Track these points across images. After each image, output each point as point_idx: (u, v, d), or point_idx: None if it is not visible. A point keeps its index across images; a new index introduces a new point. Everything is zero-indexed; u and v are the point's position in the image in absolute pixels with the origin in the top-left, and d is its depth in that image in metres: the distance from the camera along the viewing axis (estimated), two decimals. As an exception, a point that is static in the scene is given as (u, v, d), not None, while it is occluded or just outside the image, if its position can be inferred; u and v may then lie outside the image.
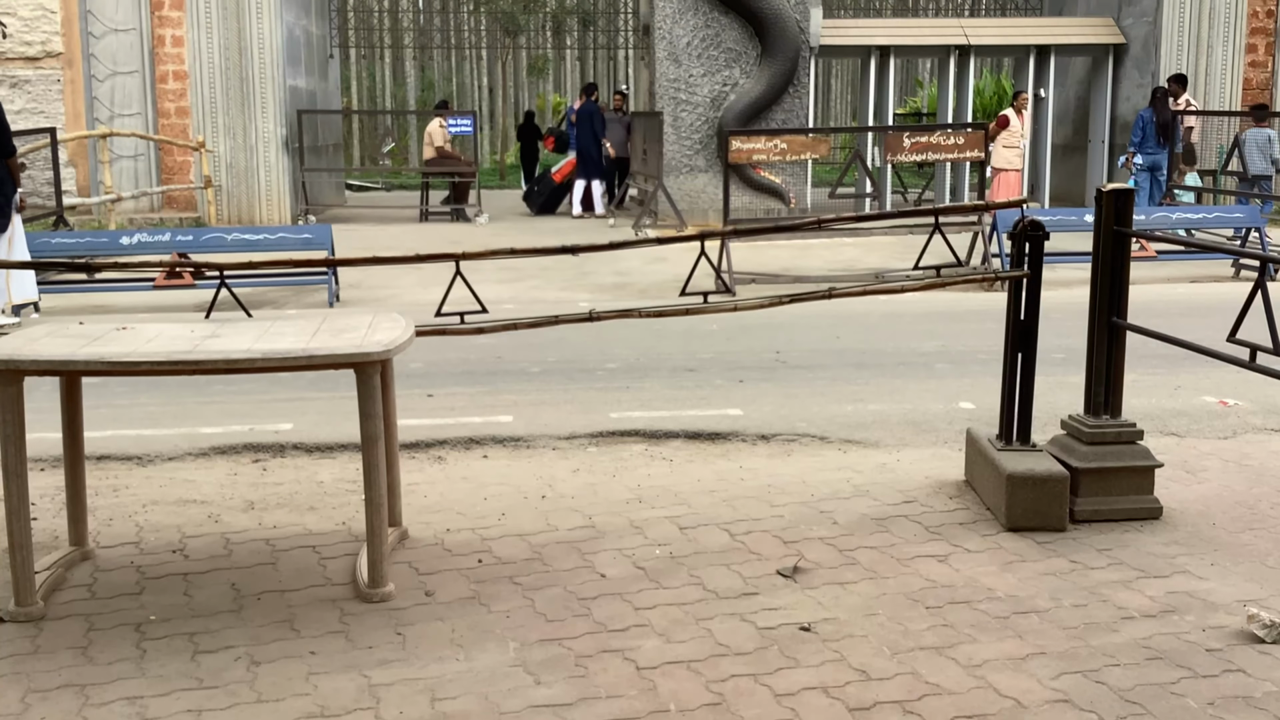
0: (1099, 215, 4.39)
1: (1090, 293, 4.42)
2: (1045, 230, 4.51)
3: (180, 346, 3.57)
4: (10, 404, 3.42)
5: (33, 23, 14.52)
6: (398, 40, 26.26)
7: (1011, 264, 4.55)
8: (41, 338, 3.71)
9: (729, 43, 15.71)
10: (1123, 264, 4.39)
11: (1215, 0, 15.98)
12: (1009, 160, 14.69)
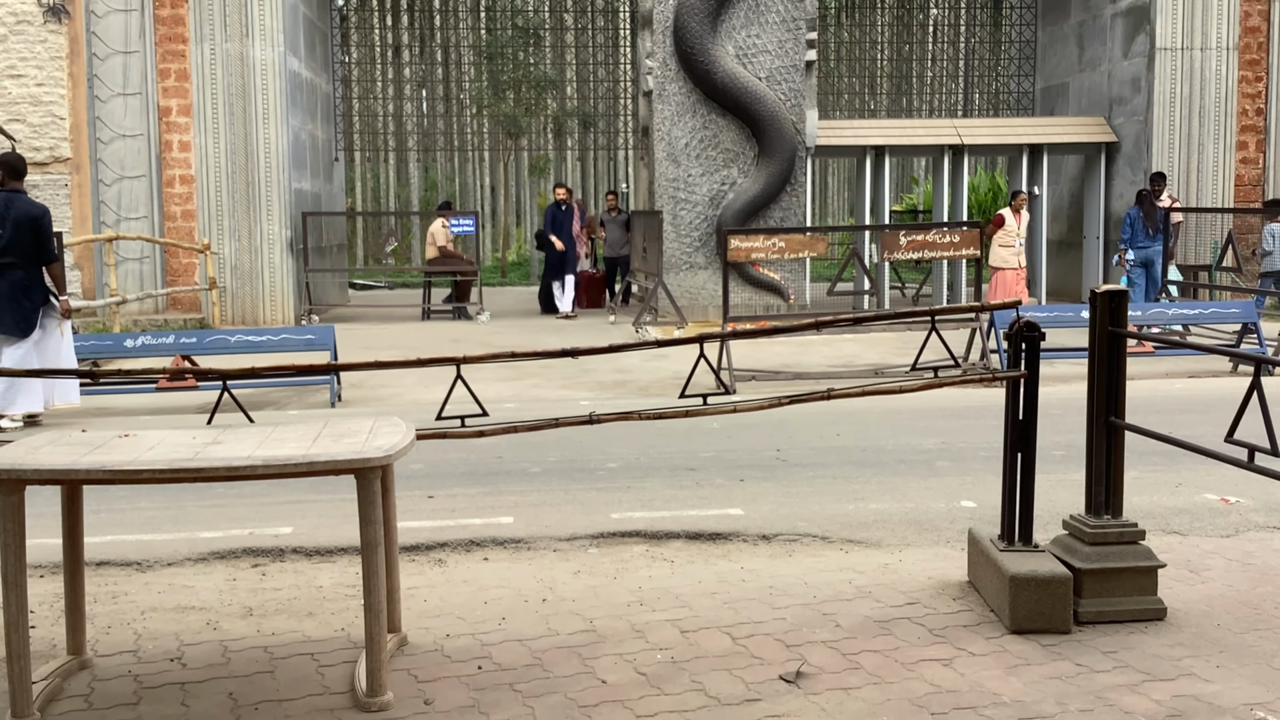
0: (1094, 316, 4.44)
1: (1088, 393, 4.45)
2: (1041, 331, 4.55)
3: (182, 454, 3.59)
4: (11, 513, 3.42)
5: (42, 129, 14.79)
6: (401, 143, 26.70)
7: (1008, 364, 4.58)
8: (44, 446, 3.73)
9: (727, 143, 15.97)
10: (1119, 364, 4.43)
11: (1205, 99, 16.27)
12: (1005, 259, 14.84)
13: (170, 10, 15.03)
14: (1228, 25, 16.19)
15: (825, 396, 4.63)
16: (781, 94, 15.85)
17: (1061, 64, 19.40)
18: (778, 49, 15.89)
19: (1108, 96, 17.71)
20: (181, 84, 15.12)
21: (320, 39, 18.51)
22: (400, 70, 28.60)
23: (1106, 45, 17.72)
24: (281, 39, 15.28)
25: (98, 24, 14.73)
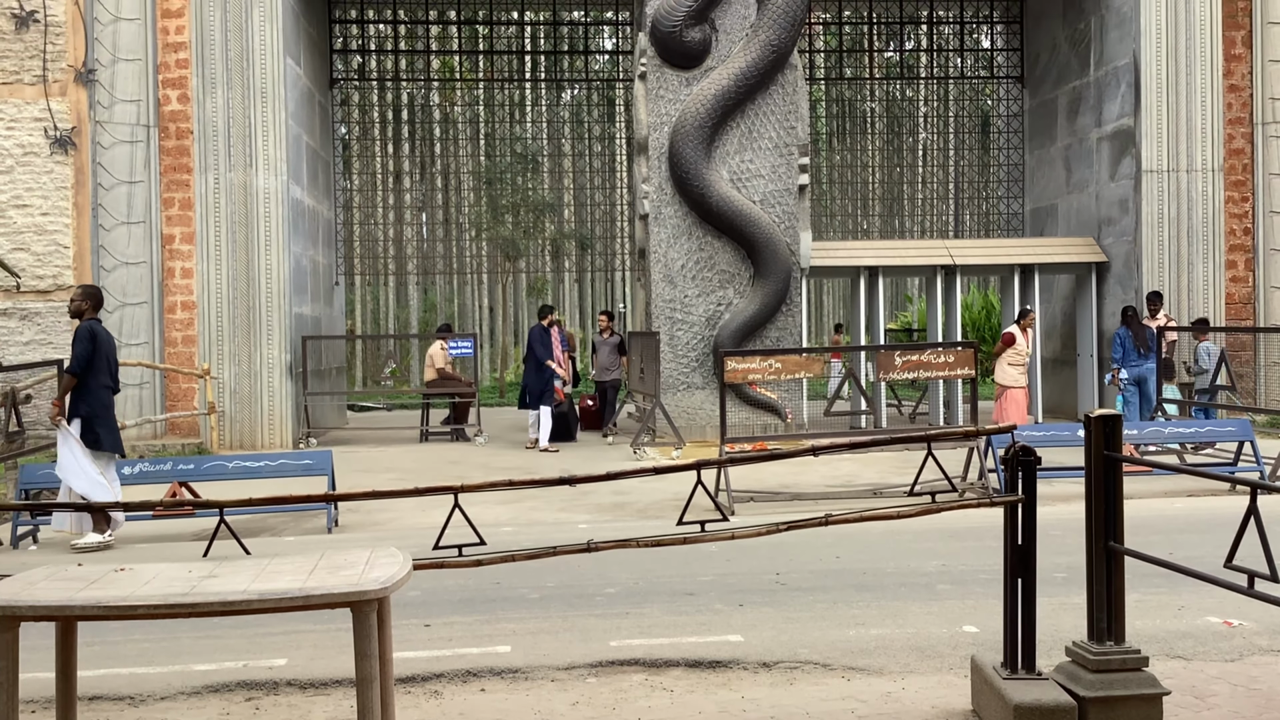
0: (1089, 441, 4.46)
1: (1086, 518, 4.45)
2: (1037, 455, 4.57)
3: (177, 588, 3.58)
4: (5, 650, 3.40)
5: (45, 258, 14.98)
6: (401, 266, 27.03)
7: (1005, 489, 4.59)
8: (40, 581, 3.72)
9: (723, 265, 16.18)
10: (1115, 489, 4.44)
11: (1192, 220, 16.53)
12: (1014, 378, 14.89)
13: (175, 141, 15.35)
14: (1212, 148, 16.53)
15: (823, 522, 4.63)
16: (776, 216, 16.11)
17: (1050, 186, 19.75)
18: (771, 173, 16.19)
19: (1096, 217, 18.00)
20: (185, 212, 15.37)
21: (323, 167, 18.87)
22: (401, 196, 29.09)
23: (1094, 168, 18.07)
24: (285, 168, 15.57)
25: (103, 155, 15.03)
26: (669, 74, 16.05)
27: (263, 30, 15.43)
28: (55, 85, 14.99)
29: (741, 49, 15.97)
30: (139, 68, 15.11)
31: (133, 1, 15.09)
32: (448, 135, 27.77)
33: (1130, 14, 16.81)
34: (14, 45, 14.95)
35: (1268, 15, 16.45)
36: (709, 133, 15.88)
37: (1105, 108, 17.66)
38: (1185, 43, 16.46)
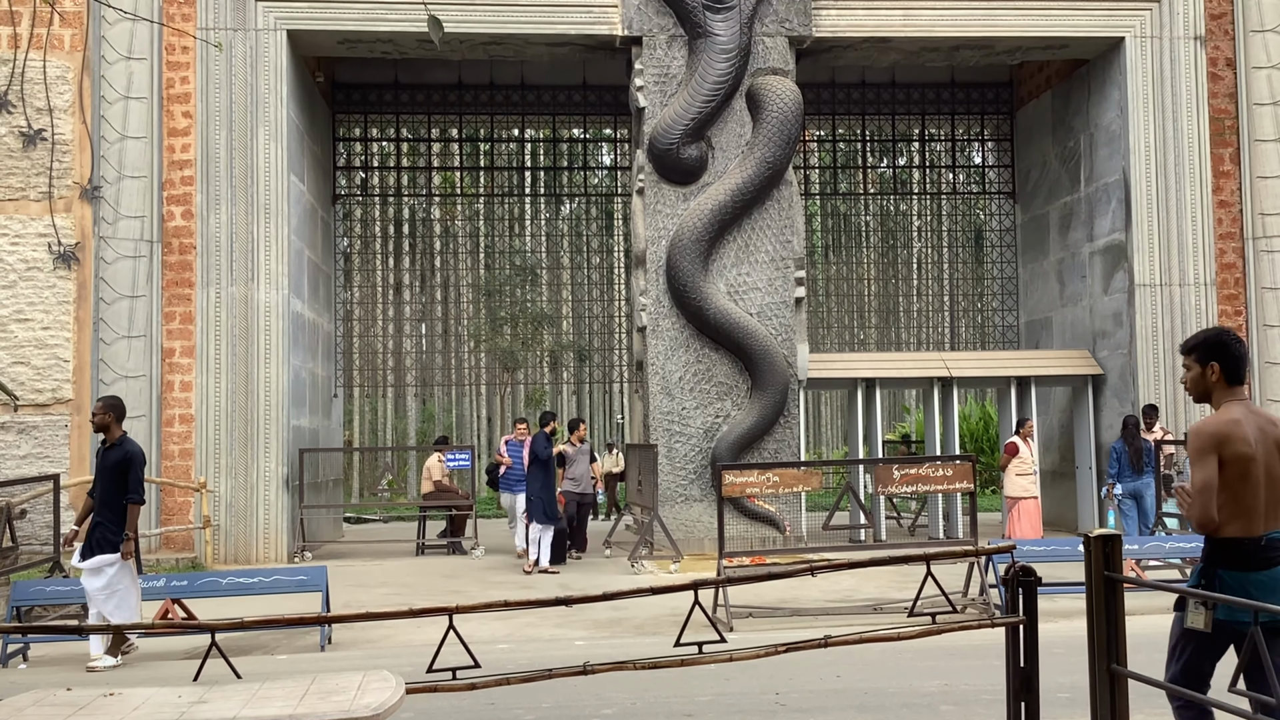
0: (1089, 562, 4.44)
1: (1088, 640, 4.40)
2: (1037, 576, 4.55)
3: (167, 715, 3.53)
4: (-12, 781, 3.34)
5: (45, 371, 15.03)
6: (400, 378, 27.13)
7: (1006, 609, 4.55)
8: (28, 707, 3.67)
9: (720, 376, 16.24)
10: (1117, 609, 4.40)
11: (1187, 333, 16.58)
12: (1025, 488, 14.84)
13: (178, 256, 15.52)
14: (1204, 262, 16.71)
15: (822, 644, 4.59)
16: (773, 329, 16.22)
17: (1044, 299, 19.92)
18: (768, 286, 16.35)
19: (1091, 330, 18.12)
20: (186, 326, 15.47)
21: (324, 280, 19.04)
22: (400, 307, 29.31)
23: (1087, 281, 18.25)
24: (286, 282, 15.72)
25: (106, 270, 15.18)
26: (666, 189, 16.30)
27: (267, 148, 15.71)
28: (60, 201, 15.20)
29: (738, 165, 16.25)
30: (144, 184, 15.34)
31: (140, 120, 15.37)
32: (448, 248, 28.11)
33: (1119, 132, 17.15)
34: (21, 162, 15.20)
35: (1254, 133, 16.77)
36: (706, 246, 16.07)
37: (1097, 223, 17.90)
38: (1174, 160, 16.75)
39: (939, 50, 17.62)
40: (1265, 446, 4.69)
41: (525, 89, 20.89)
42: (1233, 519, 4.63)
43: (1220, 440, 4.66)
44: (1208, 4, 16.91)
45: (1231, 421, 4.70)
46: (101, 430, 9.34)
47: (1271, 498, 4.68)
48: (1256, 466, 4.65)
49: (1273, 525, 4.65)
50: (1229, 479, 4.63)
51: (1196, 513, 4.63)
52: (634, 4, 16.20)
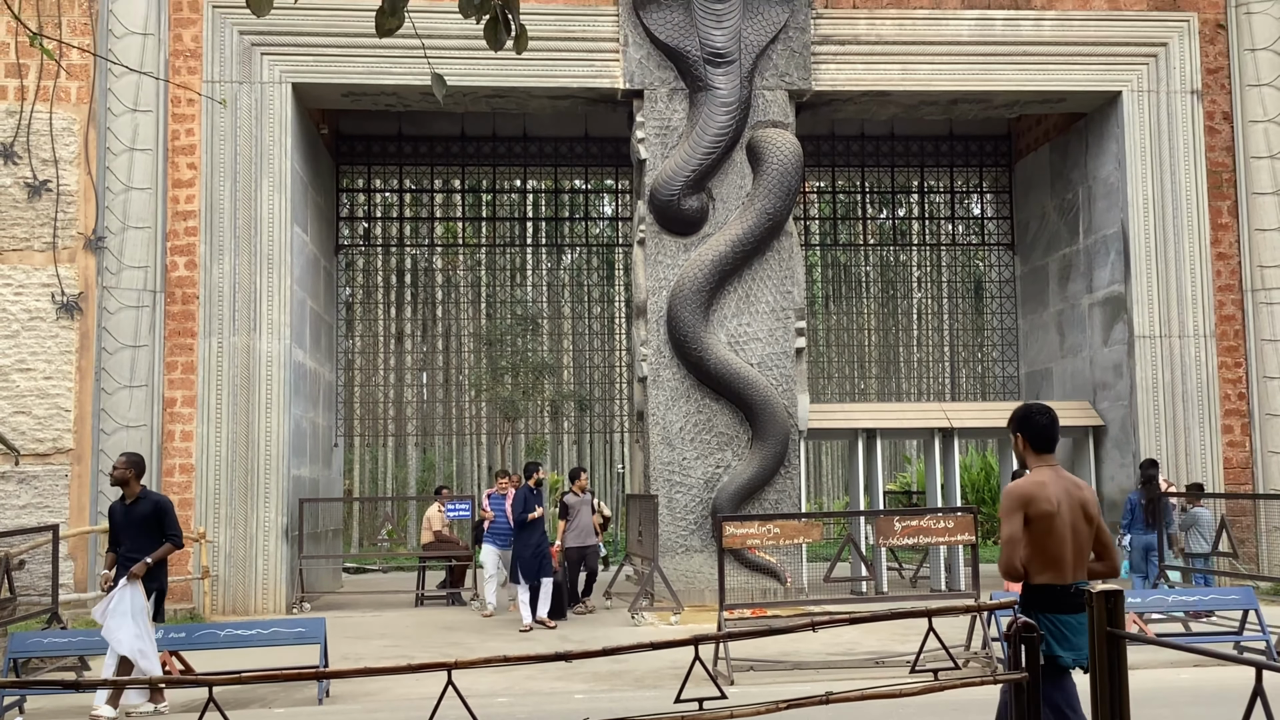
0: (1091, 618, 4.43)
1: (1091, 697, 4.38)
2: (1039, 631, 4.53)
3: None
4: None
5: (46, 421, 15.04)
6: (400, 428, 27.11)
7: (1009, 665, 4.54)
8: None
9: (720, 427, 16.24)
10: (1119, 666, 4.39)
11: (1187, 385, 16.65)
12: None
13: (181, 306, 15.57)
14: (1203, 314, 16.76)
15: (823, 701, 4.56)
16: (773, 379, 16.24)
17: (1044, 350, 19.96)
18: (768, 336, 16.39)
19: (1091, 382, 18.14)
20: (188, 376, 15.49)
21: (326, 330, 19.09)
22: (402, 357, 29.35)
23: (1086, 333, 18.30)
24: (288, 332, 15.76)
25: (109, 320, 15.23)
26: (667, 240, 16.39)
27: (271, 199, 15.81)
28: (64, 252, 15.29)
29: (738, 216, 16.34)
30: (148, 235, 15.43)
31: (144, 172, 15.48)
32: (449, 298, 28.18)
33: (1117, 185, 17.26)
34: (26, 213, 15.30)
35: (1252, 186, 16.89)
36: (707, 297, 16.13)
37: (1096, 274, 17.98)
38: (1172, 212, 16.86)
39: (937, 104, 17.79)
40: (1070, 506, 5.42)
41: (528, 140, 21.07)
42: (1044, 569, 5.38)
43: (1026, 500, 5.41)
44: (1204, 59, 17.09)
45: (1037, 484, 5.45)
46: (121, 485, 9.43)
47: (1077, 550, 5.43)
48: (1061, 522, 5.37)
49: (1080, 575, 5.43)
50: (1036, 534, 5.39)
51: (1002, 562, 5.44)
52: (635, 58, 16.37)
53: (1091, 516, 5.52)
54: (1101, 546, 5.59)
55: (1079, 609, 5.26)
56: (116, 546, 9.51)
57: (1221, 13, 17.15)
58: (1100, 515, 5.61)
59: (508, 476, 16.46)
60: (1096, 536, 5.56)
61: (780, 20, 16.37)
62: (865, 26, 16.73)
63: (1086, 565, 5.51)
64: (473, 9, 5.03)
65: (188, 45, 15.78)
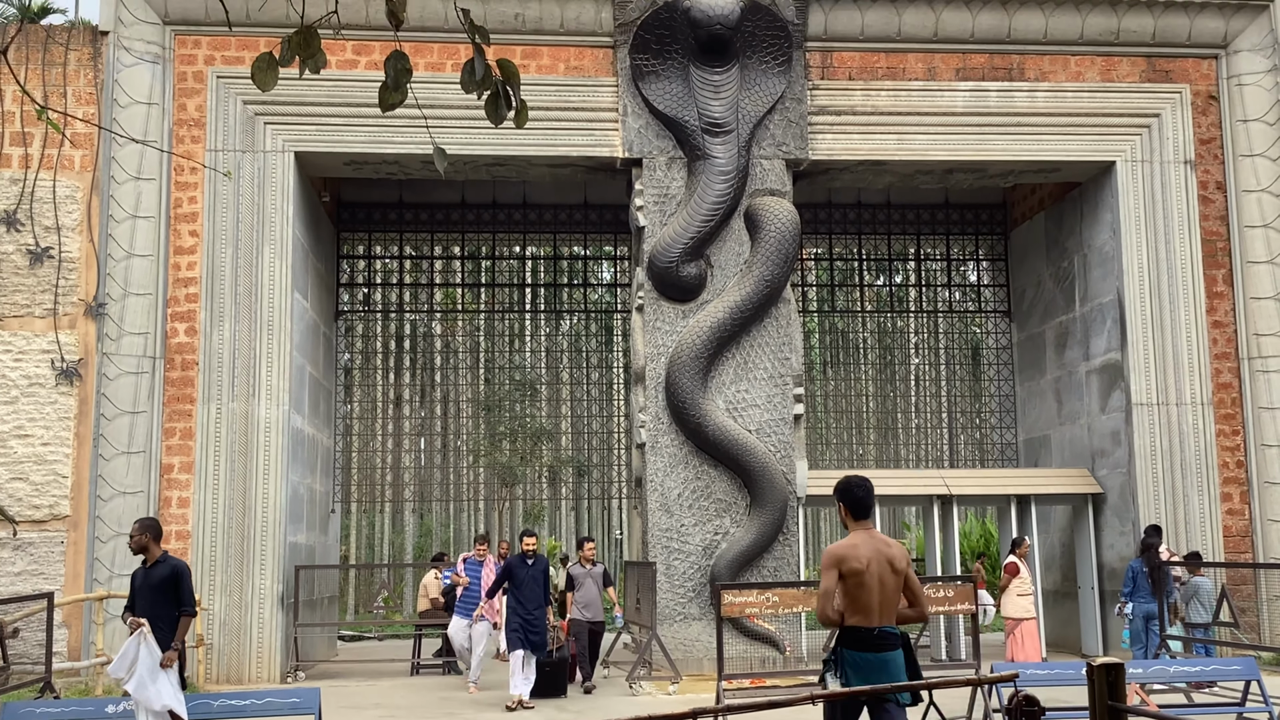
0: (1092, 692, 4.41)
1: (1091, 773, 4.35)
2: (1041, 707, 4.51)
3: None
4: None
5: (43, 487, 15.01)
6: (398, 493, 27.04)
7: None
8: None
9: (719, 493, 16.20)
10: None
11: (1185, 452, 16.64)
12: (1025, 609, 14.70)
13: (180, 372, 15.60)
14: (1200, 382, 16.80)
15: (823, 777, 4.53)
16: (772, 445, 16.24)
17: (1042, 417, 19.97)
18: (766, 403, 16.41)
19: (1090, 449, 18.13)
20: (186, 442, 15.48)
21: (324, 396, 19.11)
22: (400, 422, 29.35)
23: (1084, 400, 18.32)
24: (286, 398, 15.77)
25: (108, 385, 15.25)
26: (665, 306, 16.47)
27: (272, 266, 15.90)
28: (65, 318, 15.35)
29: (736, 283, 16.44)
30: (149, 302, 15.50)
31: (147, 239, 15.59)
32: (448, 363, 28.24)
33: (1112, 253, 17.39)
34: (27, 280, 15.38)
35: (1247, 255, 17.01)
36: (705, 363, 16.18)
37: (1093, 342, 18.05)
38: (1168, 280, 16.96)
39: (933, 173, 17.97)
40: (878, 562, 6.56)
41: (527, 207, 21.24)
42: (855, 614, 6.54)
43: (839, 559, 6.57)
44: (1196, 129, 17.30)
45: (850, 545, 6.62)
46: (140, 551, 9.49)
47: (884, 600, 6.56)
48: (870, 577, 6.52)
49: (886, 620, 6.55)
50: (849, 587, 6.54)
51: (818, 612, 6.63)
52: (634, 127, 16.56)
53: (899, 570, 6.63)
54: (911, 594, 6.70)
55: (881, 649, 6.46)
56: (132, 610, 9.50)
57: (1213, 84, 17.39)
58: (910, 568, 6.75)
59: (486, 542, 16.11)
60: (906, 586, 6.67)
61: (777, 91, 16.59)
62: (861, 97, 16.95)
63: (894, 612, 6.62)
64: (474, 85, 5.11)
65: (192, 114, 15.97)
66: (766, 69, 16.57)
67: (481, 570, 15.23)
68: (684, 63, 16.43)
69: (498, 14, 16.29)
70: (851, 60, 17.03)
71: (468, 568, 15.64)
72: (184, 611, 9.40)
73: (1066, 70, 17.22)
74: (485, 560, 15.19)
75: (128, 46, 15.73)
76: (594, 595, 15.15)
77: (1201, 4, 17.16)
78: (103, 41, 15.79)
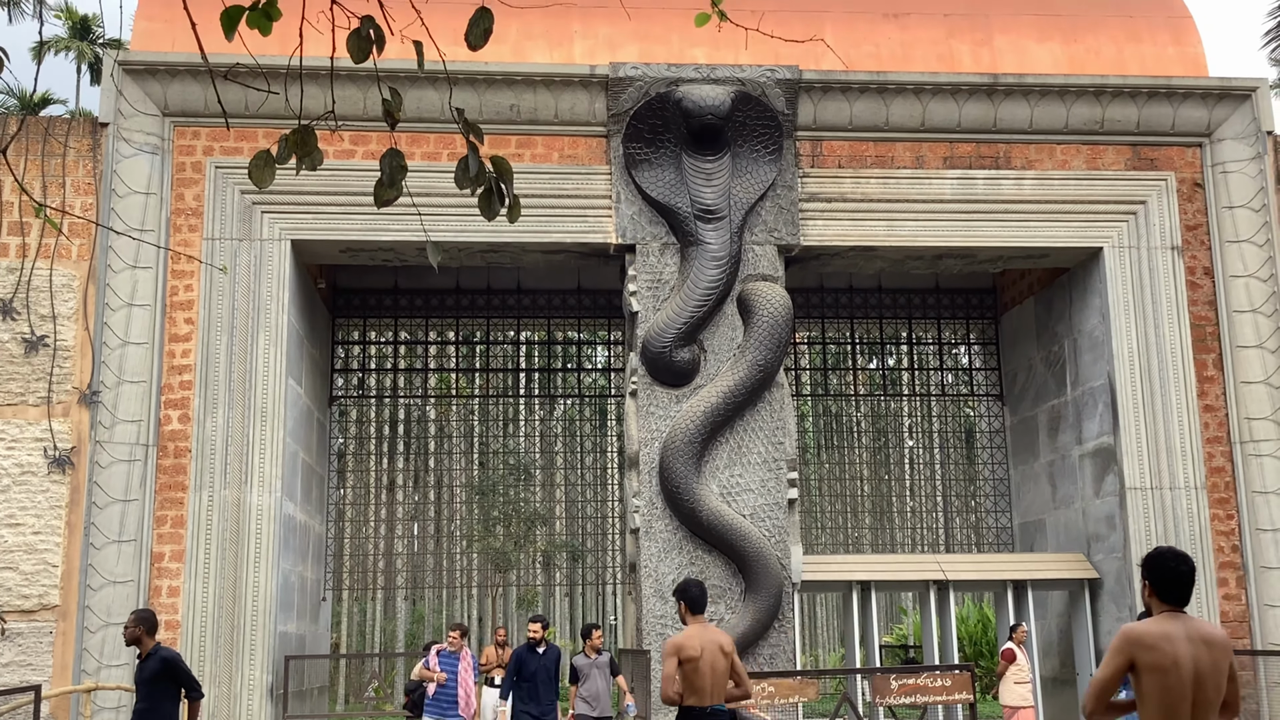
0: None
1: None
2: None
3: None
4: None
5: (33, 577, 14.89)
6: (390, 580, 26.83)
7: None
8: None
9: (713, 579, 16.09)
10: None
11: (1180, 536, 16.57)
12: (1023, 696, 14.56)
13: (173, 460, 15.56)
14: (1193, 466, 16.79)
15: None
16: (766, 530, 16.17)
17: (1036, 501, 19.93)
18: (760, 488, 16.37)
19: (1085, 533, 18.07)
20: (177, 530, 15.39)
21: (317, 482, 19.05)
22: (393, 507, 29.23)
23: (1078, 484, 18.30)
24: (279, 485, 15.72)
25: (100, 474, 15.20)
26: (659, 391, 16.50)
27: (267, 353, 15.95)
28: (59, 406, 15.35)
29: (729, 368, 16.50)
30: (143, 389, 15.50)
31: (142, 327, 15.64)
32: (442, 447, 28.18)
33: (1102, 338, 17.48)
34: (22, 368, 15.41)
35: (1236, 339, 17.10)
36: (699, 448, 16.17)
37: (1085, 426, 18.08)
38: (1158, 365, 17.03)
39: (923, 259, 18.14)
40: (710, 651, 7.97)
41: (521, 293, 21.37)
42: (690, 695, 7.97)
43: (678, 649, 8.01)
44: (1183, 215, 17.50)
45: (688, 636, 8.08)
46: (134, 643, 9.41)
47: (714, 682, 7.98)
48: (703, 663, 7.92)
49: (716, 700, 8.01)
50: (686, 672, 7.94)
51: (660, 692, 8.12)
52: (628, 214, 16.74)
53: (727, 654, 8.14)
54: (737, 676, 8.20)
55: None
56: None
57: (1198, 172, 17.64)
58: (735, 653, 8.28)
59: (461, 630, 14.66)
60: (732, 668, 8.13)
61: (768, 178, 16.80)
62: (850, 185, 17.16)
63: (724, 691, 8.12)
64: (468, 181, 5.21)
65: (189, 204, 16.12)
66: (758, 157, 16.80)
67: (458, 665, 13.89)
68: (676, 151, 16.67)
69: (493, 105, 16.55)
70: (841, 149, 17.28)
71: (442, 661, 14.29)
72: (191, 697, 9.29)
73: (1053, 158, 17.47)
74: (462, 653, 13.87)
75: (127, 138, 15.93)
76: (601, 688, 14.20)
77: (1184, 94, 17.46)
78: (102, 133, 15.99)
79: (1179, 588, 5.34)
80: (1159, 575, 5.34)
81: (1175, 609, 5.33)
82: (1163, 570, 5.34)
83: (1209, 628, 5.33)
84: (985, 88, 17.17)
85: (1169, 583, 5.32)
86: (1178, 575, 5.34)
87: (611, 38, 17.38)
